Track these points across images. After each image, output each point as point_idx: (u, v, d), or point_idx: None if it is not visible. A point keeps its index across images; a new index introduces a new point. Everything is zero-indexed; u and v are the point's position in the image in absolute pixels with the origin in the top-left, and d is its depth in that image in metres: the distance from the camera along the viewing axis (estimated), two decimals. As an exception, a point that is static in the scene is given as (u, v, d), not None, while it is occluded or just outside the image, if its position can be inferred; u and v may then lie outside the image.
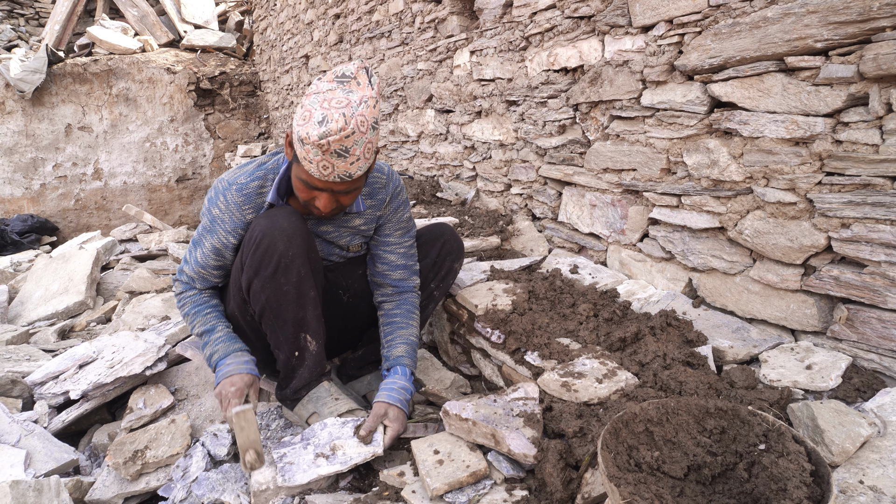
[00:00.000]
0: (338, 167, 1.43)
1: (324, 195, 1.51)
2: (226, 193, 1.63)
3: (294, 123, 1.45)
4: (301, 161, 1.46)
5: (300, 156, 1.45)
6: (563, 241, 2.44)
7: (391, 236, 1.83)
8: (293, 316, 1.60)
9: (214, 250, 1.68)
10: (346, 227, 1.78)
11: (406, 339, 1.78)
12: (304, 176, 1.48)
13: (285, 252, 1.53)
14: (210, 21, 8.15)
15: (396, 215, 1.82)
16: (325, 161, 1.41)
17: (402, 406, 1.63)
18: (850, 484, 1.06)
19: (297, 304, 1.58)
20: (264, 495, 1.53)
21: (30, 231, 6.15)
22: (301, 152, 1.44)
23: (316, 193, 1.51)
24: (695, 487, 1.03)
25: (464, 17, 2.96)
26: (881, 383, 1.37)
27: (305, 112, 1.42)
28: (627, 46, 1.92)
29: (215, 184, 1.67)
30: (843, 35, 1.32)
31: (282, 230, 1.53)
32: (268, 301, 1.58)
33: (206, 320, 1.70)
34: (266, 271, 1.55)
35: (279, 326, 1.62)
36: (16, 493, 1.43)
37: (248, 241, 1.58)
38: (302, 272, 1.56)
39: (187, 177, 7.35)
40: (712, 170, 1.69)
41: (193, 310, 1.72)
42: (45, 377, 2.19)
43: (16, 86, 6.17)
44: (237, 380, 1.57)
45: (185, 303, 1.75)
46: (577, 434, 1.31)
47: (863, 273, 1.39)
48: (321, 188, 1.49)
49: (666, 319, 1.69)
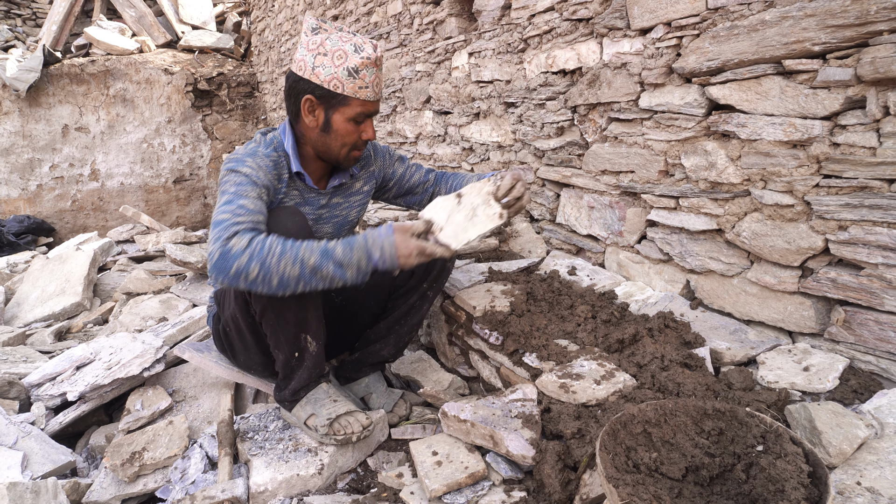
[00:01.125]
0: (382, 79, 1.69)
1: (369, 123, 1.69)
2: (252, 157, 1.63)
3: (328, 71, 1.58)
4: (354, 94, 1.60)
5: (352, 90, 1.59)
6: (561, 242, 2.45)
7: (396, 170, 2.01)
8: (295, 316, 1.59)
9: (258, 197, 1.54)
10: (354, 195, 1.91)
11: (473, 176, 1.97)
12: (359, 109, 1.63)
13: None
14: (208, 22, 8.14)
15: (386, 159, 2.00)
16: (377, 76, 1.63)
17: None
18: (848, 485, 1.07)
19: (298, 304, 1.58)
20: (262, 497, 1.53)
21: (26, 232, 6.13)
22: (354, 85, 1.59)
23: (363, 127, 1.67)
24: (693, 489, 1.03)
25: (462, 18, 2.97)
26: (878, 385, 1.38)
27: (336, 53, 1.58)
28: (626, 49, 1.93)
29: (229, 158, 1.63)
30: (840, 38, 1.33)
31: (286, 231, 1.53)
32: (270, 301, 1.57)
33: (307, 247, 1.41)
34: None
35: (280, 327, 1.61)
36: (13, 494, 1.42)
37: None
38: None
39: (185, 178, 7.34)
40: (710, 172, 1.70)
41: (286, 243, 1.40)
42: (42, 379, 2.18)
43: (11, 85, 6.16)
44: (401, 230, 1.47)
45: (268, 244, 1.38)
46: (575, 435, 1.31)
47: (860, 275, 1.40)
48: (375, 110, 1.68)
49: (664, 321, 1.69)
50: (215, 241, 1.39)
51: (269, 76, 6.86)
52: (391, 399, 1.93)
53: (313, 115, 1.65)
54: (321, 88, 1.60)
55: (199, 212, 7.49)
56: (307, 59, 1.60)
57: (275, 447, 1.66)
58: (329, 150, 1.70)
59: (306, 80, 1.61)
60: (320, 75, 1.58)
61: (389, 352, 1.96)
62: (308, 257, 1.38)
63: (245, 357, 1.87)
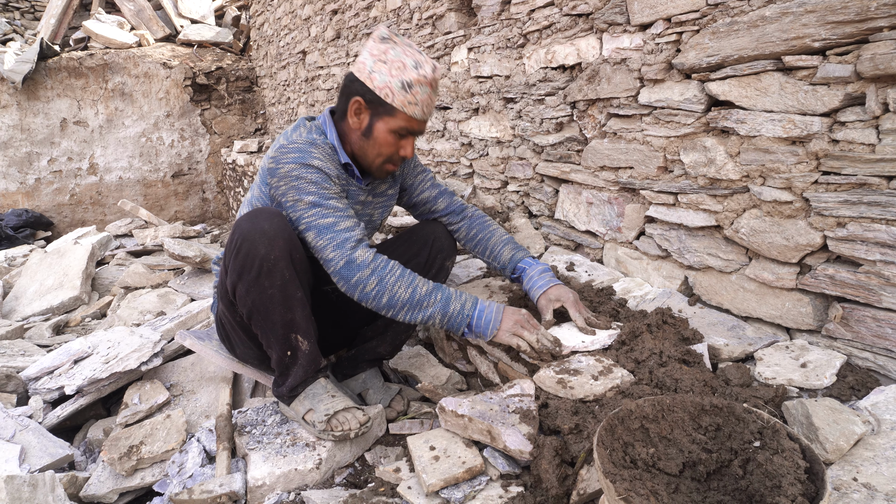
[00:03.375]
0: (433, 104, 1.67)
1: (410, 140, 1.68)
2: (313, 146, 1.63)
3: (383, 79, 1.59)
4: (402, 108, 1.61)
5: (401, 103, 1.60)
6: (559, 238, 2.44)
7: (414, 182, 1.99)
8: (281, 318, 1.57)
9: (340, 193, 1.62)
10: (380, 196, 1.91)
11: (504, 242, 1.92)
12: (402, 123, 1.63)
13: (266, 256, 1.49)
14: (207, 16, 8.11)
15: (408, 165, 1.99)
16: (429, 98, 1.63)
17: (558, 283, 1.78)
18: (844, 481, 1.07)
19: (283, 306, 1.55)
20: (260, 491, 1.53)
21: (24, 226, 6.12)
22: (405, 98, 1.59)
23: (403, 142, 1.67)
24: (690, 484, 1.03)
25: (462, 13, 2.96)
26: (875, 382, 1.38)
27: (395, 64, 1.58)
28: (625, 44, 1.93)
29: (284, 146, 1.62)
30: (840, 35, 1.33)
31: (262, 233, 1.50)
32: (254, 304, 1.55)
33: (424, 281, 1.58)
34: (249, 275, 1.52)
35: (269, 328, 1.59)
36: (10, 487, 1.42)
37: (229, 242, 1.56)
38: (286, 274, 1.52)
39: (183, 172, 7.33)
40: (709, 168, 1.70)
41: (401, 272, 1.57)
42: (39, 372, 2.18)
43: (8, 77, 6.14)
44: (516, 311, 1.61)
45: (390, 266, 1.56)
46: (572, 431, 1.31)
47: (858, 272, 1.40)
48: (419, 130, 1.67)
49: (662, 317, 1.69)
50: (336, 247, 1.53)
51: (268, 71, 6.84)
52: (388, 395, 1.93)
53: (358, 117, 1.67)
54: (372, 93, 1.61)
55: (198, 206, 7.48)
56: (367, 63, 1.62)
57: (273, 441, 1.66)
58: (365, 155, 1.71)
59: (361, 82, 1.63)
60: (375, 80, 1.60)
61: (386, 349, 1.96)
62: (421, 287, 1.56)
63: (242, 350, 1.87)
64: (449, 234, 1.95)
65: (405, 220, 2.83)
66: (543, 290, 1.75)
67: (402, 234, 1.97)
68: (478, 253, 1.95)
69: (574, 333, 1.64)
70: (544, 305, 1.72)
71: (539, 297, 1.75)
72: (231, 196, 7.05)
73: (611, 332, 1.63)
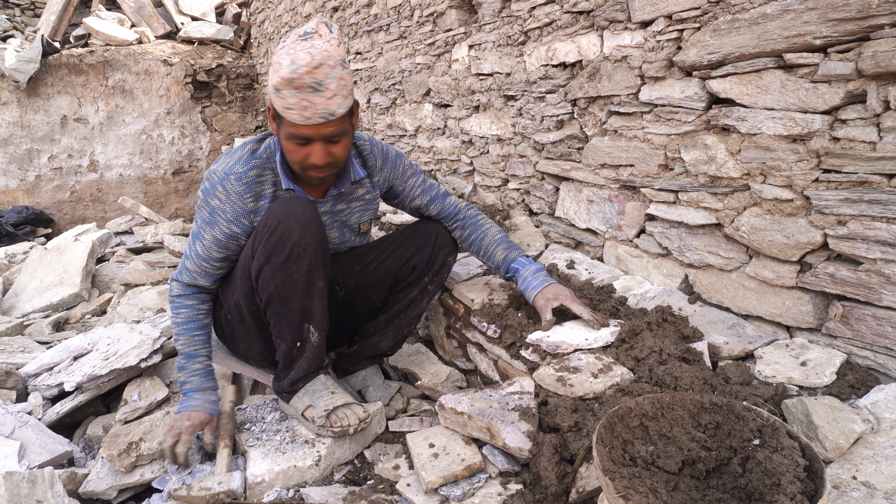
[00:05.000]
0: (317, 105, 1.45)
1: (316, 147, 1.52)
2: (223, 183, 1.62)
3: (270, 83, 1.47)
4: (284, 114, 1.48)
5: (280, 108, 1.48)
6: (559, 236, 2.44)
7: (405, 188, 1.93)
8: (300, 305, 1.59)
9: (216, 241, 1.68)
10: (356, 201, 1.84)
11: (498, 242, 1.89)
12: (291, 129, 1.50)
13: (299, 240, 1.53)
14: (207, 13, 8.10)
15: (396, 170, 1.90)
16: (303, 100, 1.43)
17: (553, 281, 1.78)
18: (844, 479, 1.07)
19: (305, 293, 1.58)
20: (259, 487, 1.53)
21: (25, 223, 6.12)
22: (280, 103, 1.46)
23: (308, 150, 1.53)
24: (689, 482, 1.03)
25: (462, 11, 2.95)
26: (875, 380, 1.38)
27: (275, 64, 1.45)
28: (626, 42, 1.92)
29: (208, 175, 1.66)
30: (841, 32, 1.32)
31: (297, 218, 1.53)
32: (276, 288, 1.58)
33: (193, 342, 1.75)
34: (278, 258, 1.54)
35: (284, 315, 1.61)
36: (9, 484, 1.42)
37: (262, 227, 1.57)
38: (313, 262, 1.56)
39: (183, 169, 7.32)
40: (710, 166, 1.69)
41: (186, 324, 1.75)
42: (39, 369, 2.18)
43: (10, 76, 6.13)
44: (195, 416, 1.66)
45: (181, 311, 1.76)
46: (572, 428, 1.31)
47: (858, 270, 1.39)
48: (310, 136, 1.50)
49: (662, 315, 1.69)
50: (175, 277, 1.78)
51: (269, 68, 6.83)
52: (388, 392, 1.93)
53: (275, 124, 1.58)
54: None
55: (198, 204, 7.47)
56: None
57: (272, 438, 1.66)
58: (292, 164, 1.60)
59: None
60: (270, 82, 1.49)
61: (388, 344, 1.96)
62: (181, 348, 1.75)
63: (245, 346, 1.87)
64: (449, 231, 1.96)
65: (405, 217, 2.83)
66: (539, 289, 1.75)
67: (405, 230, 1.97)
68: (473, 253, 1.95)
69: (577, 331, 1.64)
70: (542, 305, 1.71)
71: (535, 296, 1.75)
72: (231, 193, 7.03)
73: (613, 329, 1.63)
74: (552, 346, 1.58)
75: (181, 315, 1.75)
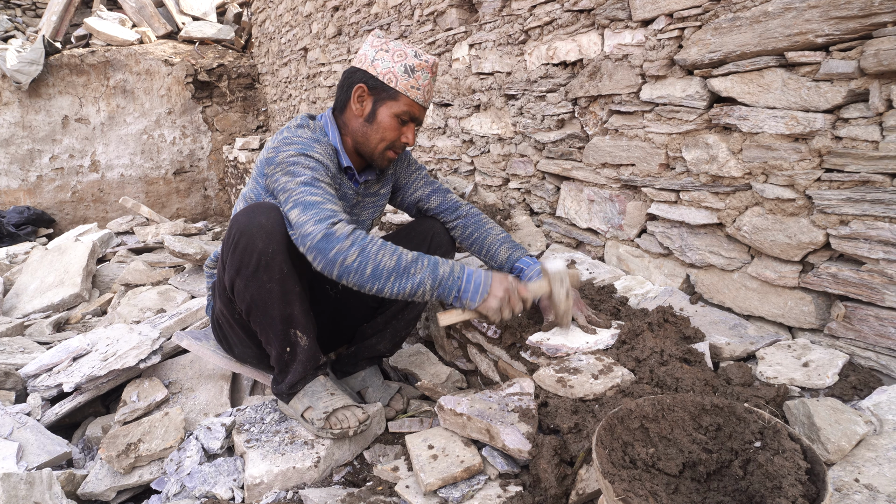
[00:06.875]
0: (433, 92, 1.73)
1: (411, 127, 1.71)
2: (316, 144, 1.63)
3: (386, 65, 1.64)
4: (405, 92, 1.65)
5: (404, 87, 1.64)
6: (560, 235, 2.43)
7: (408, 181, 1.98)
8: (280, 313, 1.56)
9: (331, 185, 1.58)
10: (370, 196, 1.89)
11: (501, 241, 1.87)
12: (405, 108, 1.66)
13: (265, 250, 1.48)
14: (208, 13, 8.10)
15: (403, 163, 1.98)
16: (430, 84, 1.69)
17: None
18: (846, 482, 1.06)
19: (282, 301, 1.54)
20: (258, 489, 1.53)
21: (26, 223, 6.12)
22: (408, 83, 1.64)
23: (404, 129, 1.70)
24: (690, 485, 1.02)
25: (463, 9, 2.94)
26: (878, 381, 1.36)
27: (397, 52, 1.65)
28: (627, 40, 1.91)
29: (290, 139, 1.61)
30: (843, 30, 1.31)
31: (260, 227, 1.48)
32: (253, 299, 1.55)
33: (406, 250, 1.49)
34: (247, 270, 1.51)
35: (268, 323, 1.59)
36: (7, 486, 1.42)
37: (227, 238, 1.55)
38: (284, 269, 1.51)
39: (185, 169, 7.33)
40: (711, 165, 1.68)
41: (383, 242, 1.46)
42: (38, 369, 2.18)
43: (12, 77, 6.13)
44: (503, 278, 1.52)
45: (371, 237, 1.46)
46: (572, 430, 1.30)
47: (861, 270, 1.38)
48: (418, 117, 1.70)
49: (663, 315, 1.68)
50: (317, 222, 1.41)
51: (270, 68, 6.83)
52: (387, 393, 1.92)
53: (361, 104, 1.69)
54: (375, 80, 1.65)
55: (199, 203, 7.48)
56: (368, 54, 1.67)
57: (271, 440, 1.66)
58: (368, 141, 1.71)
59: (363, 71, 1.67)
60: (377, 67, 1.65)
61: (386, 346, 1.95)
62: (406, 254, 1.45)
63: (240, 350, 1.86)
64: (447, 230, 1.94)
65: (404, 217, 2.82)
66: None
67: (400, 230, 1.96)
68: (474, 252, 1.93)
69: (578, 335, 1.63)
70: (546, 307, 1.70)
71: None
72: (233, 193, 7.04)
73: (613, 332, 1.62)
74: (552, 350, 1.57)
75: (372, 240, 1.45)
